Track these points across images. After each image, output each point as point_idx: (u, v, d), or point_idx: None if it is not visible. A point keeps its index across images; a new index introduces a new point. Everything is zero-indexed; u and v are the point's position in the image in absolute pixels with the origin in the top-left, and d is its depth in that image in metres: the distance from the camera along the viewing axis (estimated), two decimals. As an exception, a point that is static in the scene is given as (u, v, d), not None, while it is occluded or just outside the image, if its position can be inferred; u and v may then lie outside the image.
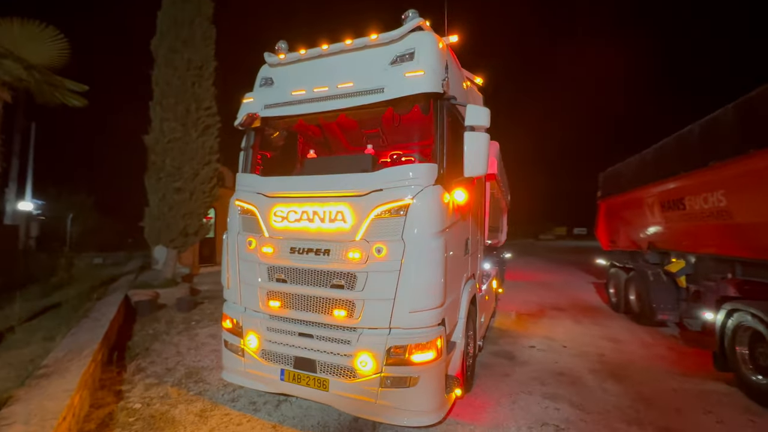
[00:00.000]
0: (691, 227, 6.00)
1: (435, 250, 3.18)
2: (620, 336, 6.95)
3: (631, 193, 8.04)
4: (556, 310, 9.07)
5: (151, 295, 8.07)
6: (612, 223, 9.68)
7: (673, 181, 6.12)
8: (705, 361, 5.37)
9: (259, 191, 3.87)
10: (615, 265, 9.30)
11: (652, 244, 7.83)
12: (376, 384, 3.19)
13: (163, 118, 8.69)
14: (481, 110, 3.52)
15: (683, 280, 6.78)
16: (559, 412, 3.91)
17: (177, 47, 8.75)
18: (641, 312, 7.65)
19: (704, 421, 3.84)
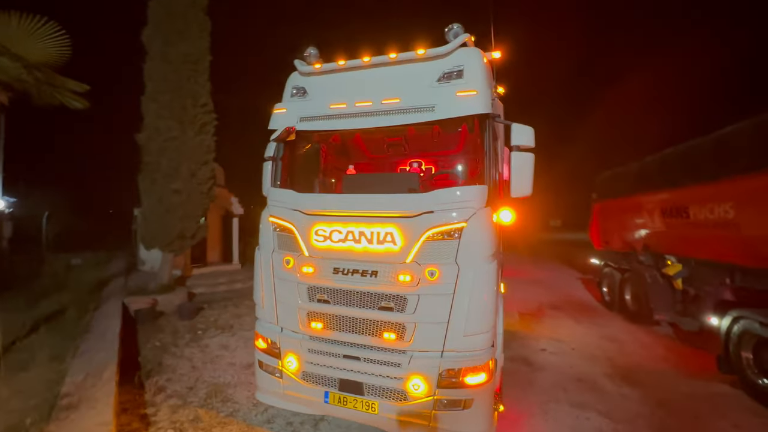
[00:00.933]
0: (693, 234, 6.31)
1: (489, 274, 3.18)
2: (620, 336, 7.28)
3: (630, 198, 8.34)
4: (555, 309, 9.38)
5: (149, 302, 7.72)
6: (607, 225, 10.04)
7: (679, 190, 6.38)
8: (706, 363, 5.72)
9: (297, 208, 3.73)
10: (609, 265, 9.68)
11: (647, 247, 8.19)
12: (429, 407, 3.20)
13: (159, 116, 8.22)
14: (527, 129, 3.51)
15: (680, 282, 7.15)
16: (590, 422, 4.07)
17: (172, 40, 8.25)
18: (638, 312, 8.03)
19: (722, 426, 4.09)
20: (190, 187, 8.45)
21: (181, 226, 8.43)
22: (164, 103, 8.22)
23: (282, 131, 3.80)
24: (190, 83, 8.55)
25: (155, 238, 8.40)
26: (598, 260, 10.61)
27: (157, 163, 8.20)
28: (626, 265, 8.80)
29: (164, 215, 8.23)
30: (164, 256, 8.80)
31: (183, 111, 8.38)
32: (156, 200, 8.24)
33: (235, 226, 13.10)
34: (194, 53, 8.68)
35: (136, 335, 6.53)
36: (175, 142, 8.26)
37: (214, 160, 9.19)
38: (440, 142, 4.97)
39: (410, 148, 5.35)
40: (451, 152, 5.33)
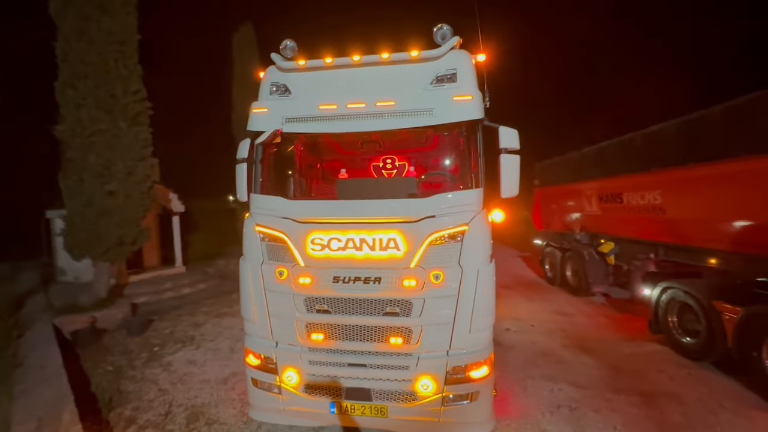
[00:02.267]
0: (625, 217, 7.25)
1: (490, 273, 3.36)
2: (567, 309, 8.20)
3: (570, 185, 9.27)
4: (507, 289, 10.20)
5: (87, 320, 6.76)
6: (547, 209, 11.07)
7: (615, 179, 7.26)
8: (638, 325, 6.73)
9: (288, 216, 3.52)
10: (551, 245, 10.75)
11: (584, 228, 9.25)
12: (437, 404, 3.33)
13: (80, 105, 7.03)
14: (512, 132, 3.67)
15: (612, 258, 8.24)
16: (563, 393, 4.57)
17: (91, 14, 7.02)
18: (577, 286, 9.10)
19: (661, 379, 4.89)
20: (127, 188, 7.45)
21: (119, 232, 7.44)
22: (86, 89, 7.04)
23: (269, 134, 3.52)
24: (118, 67, 7.42)
25: (87, 246, 7.31)
26: (540, 241, 11.70)
27: (84, 160, 7.07)
28: (566, 244, 9.84)
29: (98, 220, 7.17)
30: (100, 267, 7.73)
31: (112, 99, 7.27)
32: (85, 203, 7.13)
33: (176, 225, 11.92)
34: (119, 31, 7.51)
35: (79, 361, 5.70)
36: (105, 135, 7.17)
37: (153, 155, 8.19)
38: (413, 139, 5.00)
39: (384, 144, 5.31)
40: (425, 149, 5.39)
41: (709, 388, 4.64)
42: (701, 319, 5.24)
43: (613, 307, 8.26)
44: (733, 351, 4.69)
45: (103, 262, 7.67)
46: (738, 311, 4.61)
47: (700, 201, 5.33)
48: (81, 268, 9.89)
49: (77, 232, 7.25)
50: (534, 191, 11.72)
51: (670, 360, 5.47)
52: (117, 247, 7.57)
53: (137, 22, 7.99)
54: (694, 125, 5.35)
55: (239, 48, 13.94)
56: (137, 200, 7.71)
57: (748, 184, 4.59)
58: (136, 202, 7.70)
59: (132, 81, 7.70)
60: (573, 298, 9.08)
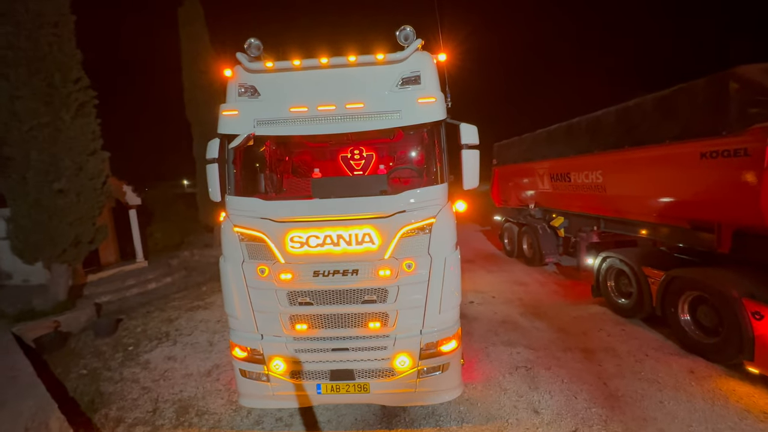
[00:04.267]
0: (573, 194, 8.00)
1: (456, 259, 3.74)
2: (523, 279, 9.03)
3: (524, 164, 9.94)
4: (469, 263, 10.93)
5: (50, 326, 6.52)
6: (505, 186, 11.79)
7: (563, 160, 7.92)
8: (582, 291, 7.62)
9: (266, 216, 3.66)
10: (509, 220, 11.55)
11: (537, 204, 10.04)
12: (414, 376, 3.76)
13: (14, 96, 6.42)
14: (472, 128, 3.99)
15: (562, 231, 9.10)
16: (520, 355, 5.23)
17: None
18: (533, 257, 9.96)
19: (600, 336, 5.70)
20: (78, 185, 7.03)
21: (74, 231, 7.06)
22: (20, 79, 6.42)
23: (244, 138, 3.57)
24: (53, 52, 6.79)
25: (39, 248, 6.89)
26: (499, 216, 12.50)
27: (25, 158, 6.54)
28: (523, 220, 10.64)
29: (49, 221, 6.75)
30: (56, 269, 7.33)
31: (51, 89, 6.69)
32: (31, 204, 6.66)
33: (134, 218, 11.34)
34: (51, 12, 6.82)
35: (48, 368, 5.57)
36: (47, 129, 6.64)
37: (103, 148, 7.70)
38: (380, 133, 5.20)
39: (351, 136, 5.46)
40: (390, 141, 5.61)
41: (638, 341, 5.49)
42: (633, 282, 6.10)
43: (563, 275, 9.20)
44: (657, 308, 5.55)
45: (59, 264, 7.28)
46: (661, 275, 5.44)
47: (633, 180, 6.05)
48: (29, 271, 9.24)
49: (27, 234, 6.79)
50: (492, 170, 12.39)
51: (609, 319, 6.33)
52: (74, 247, 7.21)
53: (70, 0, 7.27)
54: (630, 112, 5.98)
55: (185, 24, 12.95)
56: (91, 197, 7.30)
57: (671, 166, 5.30)
58: (90, 199, 7.29)
59: (71, 68, 7.09)
60: (529, 268, 9.96)
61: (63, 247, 7.02)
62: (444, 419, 3.97)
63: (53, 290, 7.35)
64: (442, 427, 3.86)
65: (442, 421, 3.95)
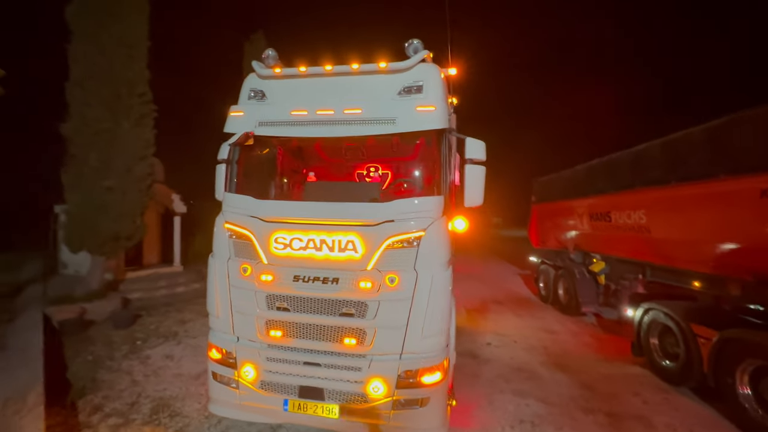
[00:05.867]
0: (614, 236, 7.18)
1: (445, 279, 3.39)
2: (554, 327, 8.07)
3: (563, 202, 9.24)
4: (498, 304, 10.10)
5: (76, 311, 6.97)
6: (543, 225, 11.00)
7: (603, 197, 7.22)
8: (622, 347, 6.58)
9: (255, 215, 3.65)
10: (545, 262, 10.63)
11: (577, 246, 9.15)
12: (388, 407, 3.34)
13: (86, 104, 7.40)
14: (479, 144, 3.78)
15: (603, 278, 8.11)
16: (529, 408, 4.51)
17: (104, 21, 7.45)
18: (568, 304, 8.95)
19: (634, 402, 4.77)
20: (125, 185, 7.74)
21: (115, 227, 7.69)
22: (93, 90, 7.41)
23: (240, 136, 3.68)
24: (124, 70, 7.80)
25: (83, 239, 7.58)
26: (536, 258, 11.58)
27: (85, 157, 7.39)
28: (560, 262, 9.73)
29: (94, 215, 7.44)
30: (94, 260, 7.97)
31: (116, 100, 7.63)
32: (83, 198, 7.42)
33: (177, 225, 12.22)
34: (130, 36, 7.92)
35: (62, 349, 5.87)
36: (107, 134, 7.50)
37: (154, 155, 8.50)
38: (397, 150, 5.12)
39: (368, 153, 5.44)
40: (407, 159, 5.50)
41: (682, 415, 4.51)
42: (680, 342, 5.12)
43: (602, 327, 8.10)
44: (709, 376, 4.56)
45: (98, 256, 7.91)
46: (713, 335, 4.51)
47: (681, 221, 5.27)
48: (81, 262, 10.17)
49: (75, 225, 7.53)
50: (531, 208, 11.69)
51: (649, 383, 5.33)
52: (113, 241, 7.82)
53: (148, 29, 8.41)
54: (676, 144, 5.34)
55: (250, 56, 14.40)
56: (135, 197, 7.98)
57: (727, 205, 4.54)
58: (134, 199, 7.97)
59: (138, 83, 8.07)
60: (563, 316, 8.93)
61: (103, 239, 7.64)
62: (420, 465, 3.43)
63: (88, 280, 7.95)
64: (416, 474, 3.33)
65: (418, 467, 3.41)
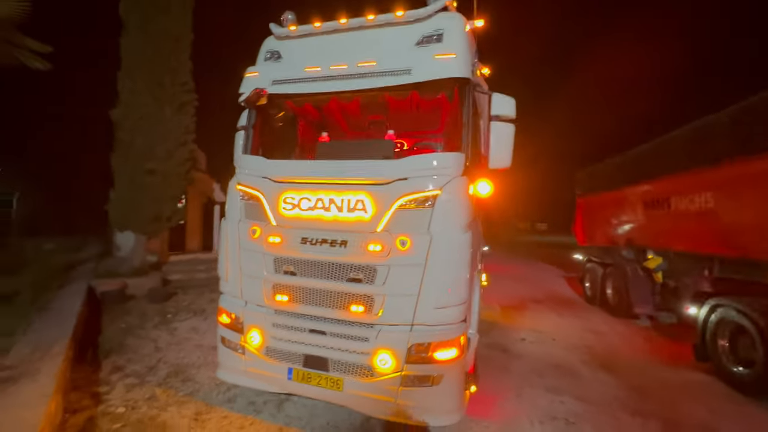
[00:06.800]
0: (674, 226, 6.30)
1: (463, 245, 3.04)
2: (600, 328, 7.24)
3: (612, 191, 8.34)
4: (537, 303, 9.33)
5: (118, 284, 7.40)
6: (590, 220, 10.06)
7: (660, 181, 6.37)
8: (682, 352, 5.70)
9: (266, 175, 3.54)
10: (592, 260, 9.68)
11: (630, 241, 8.19)
12: (396, 383, 3.03)
13: (133, 91, 7.89)
14: (508, 99, 3.41)
15: (660, 275, 7.15)
16: (564, 405, 3.96)
17: (152, 14, 7.93)
18: (617, 305, 8.02)
19: (697, 410, 4.03)
20: (166, 168, 8.14)
21: (156, 207, 8.11)
22: (140, 78, 7.90)
23: (251, 93, 3.60)
24: (169, 60, 8.24)
25: (127, 219, 8.06)
26: (581, 256, 10.62)
27: (131, 141, 7.88)
28: (609, 259, 8.79)
29: (137, 196, 7.90)
30: (137, 239, 8.46)
31: (160, 88, 8.06)
32: (128, 180, 7.91)
33: (217, 213, 12.76)
34: (175, 29, 8.37)
35: (100, 317, 6.21)
36: (151, 120, 7.94)
37: (194, 141, 8.89)
38: (422, 121, 4.81)
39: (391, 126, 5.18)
40: (433, 132, 5.18)
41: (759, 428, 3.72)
42: (758, 344, 4.28)
43: (658, 331, 7.13)
44: (797, 385, 3.74)
45: (140, 235, 8.38)
46: (804, 335, 3.69)
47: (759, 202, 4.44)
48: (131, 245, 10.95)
49: (121, 206, 8.03)
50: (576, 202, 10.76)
51: (716, 392, 4.52)
52: (154, 222, 8.25)
53: (192, 23, 8.85)
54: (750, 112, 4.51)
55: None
56: (175, 180, 8.37)
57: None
58: (174, 182, 8.36)
59: (180, 73, 8.49)
60: (611, 318, 8.00)
61: (145, 220, 8.08)
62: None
63: (131, 257, 8.45)
64: (425, 459, 2.99)
65: (428, 452, 3.07)
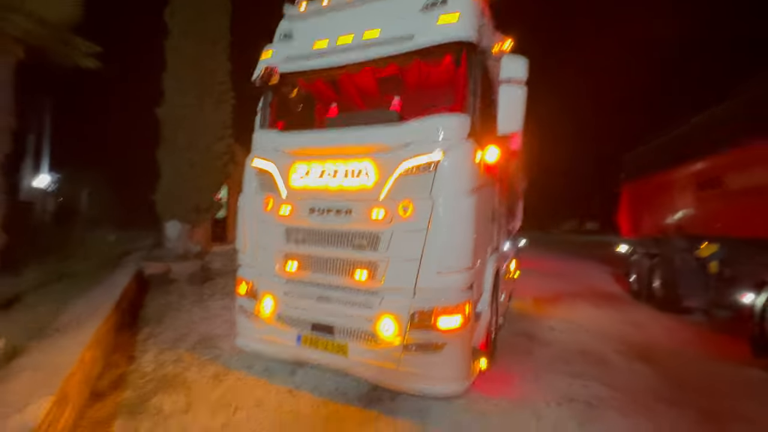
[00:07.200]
0: (732, 207, 5.65)
1: (465, 209, 2.96)
2: (643, 321, 6.67)
3: (659, 174, 7.66)
4: (574, 297, 8.77)
5: (163, 268, 8.04)
6: (635, 208, 9.30)
7: (711, 158, 5.75)
8: (738, 347, 5.10)
9: (278, 148, 3.69)
10: (637, 251, 8.94)
11: (681, 229, 7.45)
12: (398, 350, 3.02)
13: (176, 90, 8.54)
14: (519, 60, 3.26)
15: (714, 265, 6.41)
16: (587, 389, 3.70)
17: (192, 18, 8.55)
18: (665, 299, 7.33)
19: (745, 404, 3.59)
20: (205, 161, 8.71)
21: (196, 198, 8.72)
22: (182, 78, 8.52)
23: (263, 71, 3.76)
24: (208, 60, 8.82)
25: (171, 209, 8.74)
26: (626, 247, 9.84)
27: (174, 136, 8.53)
28: (655, 250, 8.07)
29: (180, 187, 8.54)
30: (181, 228, 9.14)
31: (200, 86, 8.65)
32: (172, 172, 8.57)
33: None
34: (213, 31, 8.94)
35: (145, 295, 6.79)
36: (191, 116, 8.54)
37: (231, 136, 9.43)
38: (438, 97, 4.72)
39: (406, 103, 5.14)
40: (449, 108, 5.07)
41: (826, 427, 3.23)
42: (827, 334, 3.71)
43: (713, 326, 6.41)
44: None
45: (183, 225, 9.05)
46: None
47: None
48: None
49: (166, 197, 8.73)
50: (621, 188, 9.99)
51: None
52: (195, 212, 8.87)
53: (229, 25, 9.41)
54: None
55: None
56: (213, 173, 8.94)
57: None
58: (212, 175, 8.93)
59: (219, 73, 9.06)
60: (658, 313, 7.32)
61: (187, 209, 8.71)
62: (433, 421, 3.03)
63: (176, 245, 9.14)
64: (429, 428, 2.93)
65: (430, 421, 3.01)
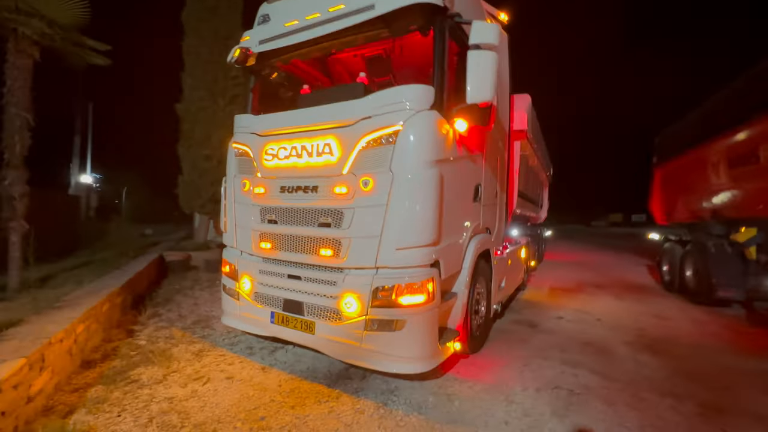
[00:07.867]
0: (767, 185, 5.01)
1: (426, 180, 2.84)
2: (668, 313, 6.11)
3: (690, 152, 6.94)
4: (596, 287, 8.23)
5: (183, 256, 8.50)
6: (668, 192, 8.53)
7: (743, 129, 5.11)
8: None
9: (252, 131, 3.76)
10: (670, 239, 8.20)
11: (716, 213, 6.74)
12: (361, 327, 2.97)
13: (193, 87, 8.95)
14: (488, 26, 3.06)
15: (753, 251, 5.76)
16: (576, 378, 3.44)
17: (204, 16, 8.90)
18: (697, 289, 6.68)
19: (761, 400, 3.17)
20: (219, 154, 9.05)
21: (212, 190, 9.10)
22: (197, 75, 8.91)
23: (238, 53, 3.82)
24: (221, 58, 9.13)
25: (190, 200, 9.20)
26: (658, 235, 9.07)
27: (192, 131, 8.95)
28: (689, 236, 7.36)
29: (198, 180, 8.96)
30: (201, 218, 9.62)
31: (214, 83, 9.00)
32: (191, 166, 9.01)
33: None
34: (224, 29, 9.24)
35: (162, 280, 7.22)
36: (207, 111, 8.92)
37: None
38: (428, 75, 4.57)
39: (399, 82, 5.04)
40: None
41: None
42: None
43: (750, 320, 5.75)
44: None
45: (203, 216, 9.50)
46: None
47: None
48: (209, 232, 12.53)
49: (186, 189, 9.20)
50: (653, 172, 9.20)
51: (806, 385, 3.48)
52: (211, 203, 9.26)
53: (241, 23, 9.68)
54: None
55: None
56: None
57: None
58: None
59: (232, 69, 9.24)
60: (689, 305, 6.67)
61: (205, 201, 9.13)
62: (397, 401, 2.95)
63: (196, 235, 9.62)
64: (387, 406, 2.86)
65: (395, 402, 2.94)
